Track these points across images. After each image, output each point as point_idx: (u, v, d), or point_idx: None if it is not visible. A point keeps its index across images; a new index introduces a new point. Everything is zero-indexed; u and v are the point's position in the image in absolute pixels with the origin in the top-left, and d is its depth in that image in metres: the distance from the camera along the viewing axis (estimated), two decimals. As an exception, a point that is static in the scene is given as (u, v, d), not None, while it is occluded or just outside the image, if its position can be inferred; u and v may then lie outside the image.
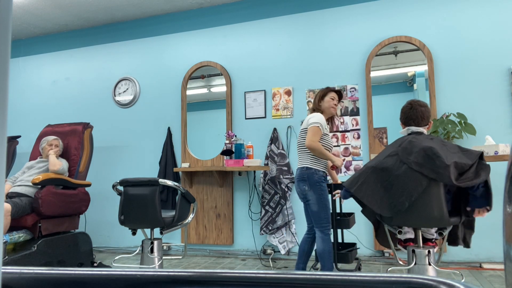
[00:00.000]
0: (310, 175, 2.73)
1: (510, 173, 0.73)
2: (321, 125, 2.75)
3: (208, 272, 0.52)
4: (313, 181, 2.72)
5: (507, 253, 0.74)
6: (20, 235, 3.22)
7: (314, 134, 2.72)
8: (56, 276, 0.54)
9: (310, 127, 2.76)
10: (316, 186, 2.72)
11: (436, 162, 2.09)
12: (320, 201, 2.71)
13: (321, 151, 2.71)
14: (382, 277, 0.48)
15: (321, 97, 2.93)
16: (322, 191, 2.73)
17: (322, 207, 2.71)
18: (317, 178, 2.73)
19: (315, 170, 2.75)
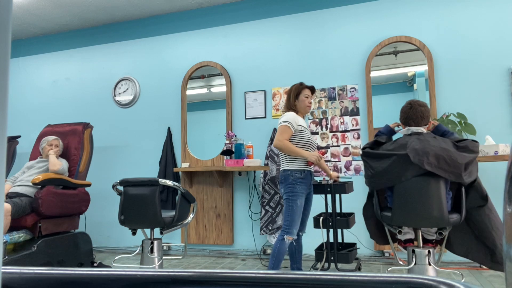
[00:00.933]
0: (285, 177, 2.72)
1: (510, 173, 0.73)
2: (290, 123, 2.69)
3: (208, 272, 0.52)
4: (287, 182, 2.70)
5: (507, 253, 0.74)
6: (20, 235, 3.22)
7: (281, 133, 2.69)
8: (56, 276, 0.54)
9: (278, 127, 2.74)
10: (288, 188, 2.69)
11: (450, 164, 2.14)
12: (288, 202, 2.66)
13: (290, 149, 2.67)
14: (382, 277, 0.48)
15: (296, 96, 2.84)
16: (293, 193, 2.67)
17: (288, 209, 2.66)
18: (292, 180, 2.68)
19: (291, 171, 2.71)
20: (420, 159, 2.16)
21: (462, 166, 2.13)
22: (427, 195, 2.21)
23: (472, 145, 2.22)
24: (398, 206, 2.28)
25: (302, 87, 2.85)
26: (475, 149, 2.20)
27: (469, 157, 2.16)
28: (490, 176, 3.51)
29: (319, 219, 3.07)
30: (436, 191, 2.20)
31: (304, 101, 2.83)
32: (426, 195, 2.21)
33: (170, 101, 4.70)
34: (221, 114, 4.44)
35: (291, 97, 2.85)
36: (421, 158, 2.16)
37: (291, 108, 2.85)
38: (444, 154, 2.15)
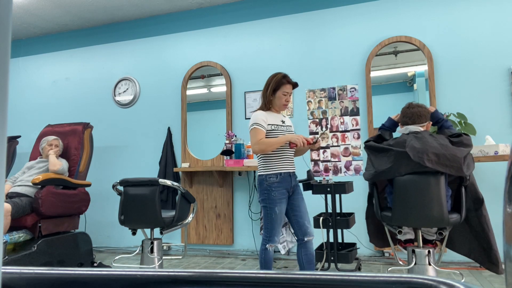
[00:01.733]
0: (260, 182, 2.51)
1: (510, 173, 0.73)
2: (258, 124, 2.47)
3: (208, 272, 0.52)
4: (262, 188, 2.49)
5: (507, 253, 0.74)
6: (20, 235, 3.22)
7: (253, 137, 2.47)
8: (56, 276, 0.54)
9: (250, 133, 2.51)
10: (264, 194, 2.47)
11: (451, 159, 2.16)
12: (265, 209, 2.47)
13: (268, 144, 2.43)
14: (382, 277, 0.48)
15: (274, 90, 2.54)
16: (269, 200, 2.45)
17: (265, 216, 2.47)
18: (266, 185, 2.46)
19: (265, 176, 2.49)
20: (421, 157, 2.18)
21: (461, 160, 2.18)
22: (427, 195, 2.21)
23: (466, 139, 2.29)
24: (398, 206, 2.28)
25: (283, 82, 2.54)
26: (469, 143, 2.28)
27: (466, 151, 2.23)
28: (490, 176, 3.51)
29: (319, 219, 3.07)
30: (436, 191, 2.20)
31: (281, 98, 2.55)
32: (426, 195, 2.21)
33: (170, 101, 4.70)
34: (221, 114, 4.44)
35: (269, 90, 2.55)
36: (421, 156, 2.19)
37: (265, 102, 2.58)
38: (444, 150, 2.19)
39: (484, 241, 2.35)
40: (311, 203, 4.00)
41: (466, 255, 2.49)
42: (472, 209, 2.35)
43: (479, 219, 2.34)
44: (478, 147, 3.23)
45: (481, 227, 2.34)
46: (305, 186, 3.11)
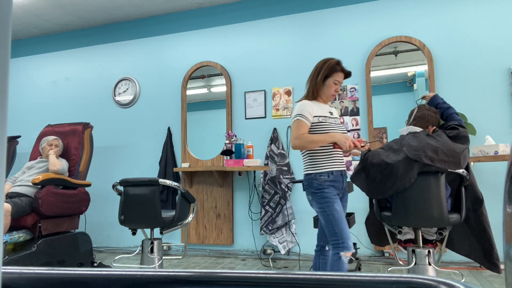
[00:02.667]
0: (309, 182, 2.21)
1: (510, 173, 0.73)
2: (302, 116, 2.18)
3: (208, 272, 0.52)
4: (313, 188, 2.19)
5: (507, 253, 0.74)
6: (20, 235, 3.22)
7: (295, 129, 2.18)
8: (56, 276, 0.54)
9: (292, 124, 2.23)
10: (317, 195, 2.17)
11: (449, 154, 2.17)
12: (324, 212, 2.14)
13: (311, 141, 2.14)
14: (382, 277, 0.48)
15: (325, 77, 2.26)
16: (324, 199, 2.14)
17: (328, 220, 2.12)
18: (317, 184, 2.17)
19: (314, 174, 2.20)
20: (417, 155, 2.18)
21: (460, 155, 2.18)
22: (427, 195, 2.21)
23: (463, 131, 2.29)
24: (398, 206, 2.28)
25: (336, 69, 2.25)
26: (466, 135, 2.28)
27: (463, 147, 2.23)
28: (490, 176, 3.51)
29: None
30: (436, 191, 2.20)
31: (331, 87, 2.26)
32: (426, 195, 2.21)
33: (170, 101, 4.70)
34: (221, 114, 4.44)
35: (319, 76, 2.25)
36: (418, 154, 2.18)
37: (312, 90, 2.29)
38: (441, 146, 2.18)
39: (485, 241, 2.35)
40: (311, 203, 4.01)
41: (466, 255, 2.49)
42: (472, 209, 2.35)
43: (479, 218, 2.34)
44: (478, 147, 3.23)
45: (482, 226, 2.34)
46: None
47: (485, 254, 2.36)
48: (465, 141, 2.26)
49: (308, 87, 2.32)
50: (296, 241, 3.94)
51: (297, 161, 4.12)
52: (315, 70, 2.29)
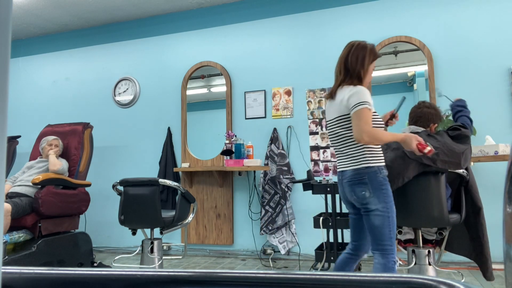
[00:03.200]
0: (372, 175, 1.90)
1: (510, 173, 0.73)
2: (369, 103, 1.90)
3: (208, 272, 0.52)
4: (377, 183, 1.90)
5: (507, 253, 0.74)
6: (20, 235, 3.22)
7: (365, 121, 1.86)
8: (56, 276, 0.54)
9: (356, 112, 1.88)
10: (381, 191, 1.90)
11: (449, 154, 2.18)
12: (385, 212, 1.89)
13: (381, 139, 1.89)
14: (382, 277, 0.48)
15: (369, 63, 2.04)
16: (389, 197, 1.91)
17: (385, 221, 1.90)
18: (382, 179, 1.91)
19: (377, 168, 1.92)
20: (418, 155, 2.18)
21: (460, 156, 2.17)
22: (427, 195, 2.21)
23: (464, 132, 2.29)
24: (398, 205, 2.28)
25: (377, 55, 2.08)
26: (468, 134, 2.28)
27: (464, 147, 2.23)
28: (490, 176, 3.51)
29: (319, 219, 3.07)
30: (436, 191, 2.20)
31: (371, 74, 2.07)
32: (426, 195, 2.21)
33: (170, 101, 4.70)
34: (221, 114, 4.44)
35: (367, 62, 2.03)
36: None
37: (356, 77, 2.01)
38: (442, 146, 2.18)
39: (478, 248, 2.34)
40: (311, 203, 4.01)
41: (466, 255, 2.49)
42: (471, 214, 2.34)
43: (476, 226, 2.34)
44: (478, 147, 3.23)
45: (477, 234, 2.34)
46: (305, 186, 3.11)
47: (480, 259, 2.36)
48: (466, 141, 2.26)
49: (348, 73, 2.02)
50: (296, 241, 3.94)
51: (297, 161, 4.12)
52: (358, 56, 2.01)
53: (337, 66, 2.07)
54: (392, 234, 1.91)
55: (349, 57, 2.01)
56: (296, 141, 4.13)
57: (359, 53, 2.01)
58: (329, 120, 2.08)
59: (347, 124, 1.96)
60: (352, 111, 1.90)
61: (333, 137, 2.06)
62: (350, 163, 1.97)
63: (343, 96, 1.95)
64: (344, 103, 1.94)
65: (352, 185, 1.95)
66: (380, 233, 1.90)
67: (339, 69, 2.05)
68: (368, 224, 1.94)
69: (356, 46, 2.03)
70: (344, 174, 2.01)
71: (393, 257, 1.90)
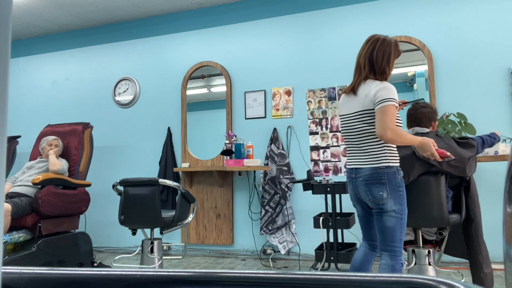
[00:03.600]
0: (391, 176, 1.87)
1: (510, 173, 0.73)
2: (396, 101, 1.86)
3: (208, 272, 0.52)
4: (395, 184, 1.88)
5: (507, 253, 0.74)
6: (20, 235, 3.22)
7: (390, 118, 1.81)
8: (56, 276, 0.54)
9: (382, 107, 1.83)
10: (399, 193, 1.88)
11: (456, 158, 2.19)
12: (400, 213, 1.89)
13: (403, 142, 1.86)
14: (382, 277, 0.48)
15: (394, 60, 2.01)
16: (404, 199, 1.91)
17: (398, 223, 1.89)
18: (400, 180, 1.90)
19: (396, 168, 1.90)
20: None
21: (466, 161, 2.18)
22: (427, 195, 2.21)
23: (471, 141, 2.32)
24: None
25: (400, 52, 2.04)
26: (474, 143, 2.30)
27: (470, 153, 2.25)
28: (490, 176, 3.51)
29: (319, 219, 3.07)
30: (437, 191, 2.20)
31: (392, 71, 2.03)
32: (426, 195, 2.21)
33: (170, 101, 4.70)
34: (221, 114, 4.44)
35: (391, 58, 1.99)
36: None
37: (381, 73, 1.98)
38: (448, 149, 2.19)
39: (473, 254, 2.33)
40: (311, 203, 4.01)
41: (466, 257, 2.48)
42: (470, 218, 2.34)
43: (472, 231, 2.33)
44: (478, 147, 3.22)
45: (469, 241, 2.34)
46: (305, 186, 3.11)
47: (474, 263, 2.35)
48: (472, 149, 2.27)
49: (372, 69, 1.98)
50: (296, 241, 3.94)
51: (297, 161, 4.12)
52: (384, 52, 1.97)
53: (361, 60, 2.01)
54: (402, 236, 1.90)
55: (375, 53, 1.96)
56: (296, 141, 4.14)
57: (386, 49, 1.97)
58: (348, 114, 2.01)
59: (371, 119, 1.91)
60: (378, 106, 1.84)
61: (351, 132, 1.99)
62: (369, 160, 1.92)
63: (369, 91, 1.90)
64: (370, 97, 1.89)
65: (369, 185, 1.90)
66: (391, 235, 1.88)
67: (364, 63, 1.99)
68: (380, 224, 1.91)
69: (382, 41, 1.98)
70: (359, 171, 1.95)
71: (401, 259, 1.90)
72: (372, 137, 1.92)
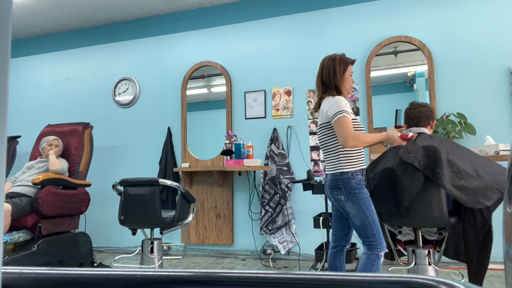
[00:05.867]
0: (345, 181, 2.09)
1: (510, 173, 0.73)
2: (347, 112, 2.07)
3: (208, 272, 0.52)
4: (350, 188, 2.09)
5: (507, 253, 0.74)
6: (20, 235, 3.22)
7: (346, 128, 2.03)
8: (56, 276, 0.54)
9: (336, 121, 2.06)
10: (355, 195, 2.08)
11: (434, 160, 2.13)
12: (362, 213, 2.07)
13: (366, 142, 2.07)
14: (382, 277, 0.48)
15: (343, 72, 2.20)
16: (363, 200, 2.08)
17: (365, 221, 2.07)
18: (355, 184, 2.08)
19: (351, 173, 2.10)
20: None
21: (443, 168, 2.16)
22: (427, 196, 2.21)
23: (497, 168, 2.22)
24: (398, 206, 2.28)
25: (348, 61, 2.22)
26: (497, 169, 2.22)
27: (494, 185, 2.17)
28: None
29: (319, 219, 3.07)
30: (437, 191, 2.20)
31: (349, 80, 2.23)
32: (427, 195, 2.21)
33: (170, 101, 4.70)
34: (221, 114, 4.44)
35: (338, 72, 2.18)
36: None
37: (335, 86, 2.18)
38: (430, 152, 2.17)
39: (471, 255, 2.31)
40: (311, 203, 4.01)
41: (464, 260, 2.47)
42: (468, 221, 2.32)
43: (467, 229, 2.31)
44: (478, 147, 3.22)
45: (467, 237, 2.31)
46: (305, 186, 3.11)
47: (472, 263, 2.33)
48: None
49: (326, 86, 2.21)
50: (296, 241, 3.94)
51: (297, 161, 4.12)
52: (329, 69, 2.19)
53: (316, 81, 2.28)
54: (376, 231, 2.07)
55: (323, 72, 2.22)
56: (296, 141, 4.14)
57: (330, 66, 2.20)
58: (317, 128, 2.29)
59: (328, 131, 2.17)
60: (333, 121, 2.09)
61: (320, 144, 2.28)
62: (329, 167, 2.19)
63: (323, 107, 2.17)
64: (324, 113, 2.15)
65: (330, 189, 2.17)
66: (364, 232, 2.10)
67: (318, 84, 2.27)
68: (352, 224, 2.15)
69: (327, 60, 2.23)
70: (326, 177, 2.23)
71: (378, 251, 2.08)
72: (329, 147, 2.17)
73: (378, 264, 2.09)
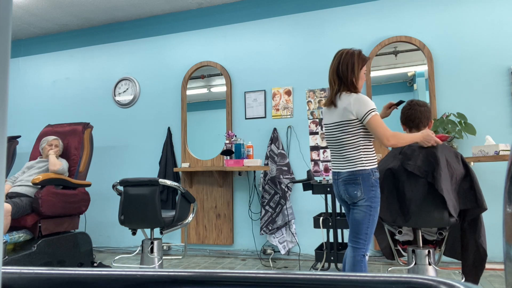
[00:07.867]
0: (365, 177, 2.06)
1: (510, 173, 0.73)
2: (376, 110, 2.07)
3: (208, 272, 0.52)
4: (369, 185, 2.06)
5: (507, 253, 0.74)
6: (20, 235, 3.22)
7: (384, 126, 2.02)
8: (56, 276, 0.54)
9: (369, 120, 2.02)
10: (371, 192, 2.06)
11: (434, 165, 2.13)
12: (370, 211, 2.06)
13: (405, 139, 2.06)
14: (382, 277, 0.48)
15: (359, 69, 2.13)
16: (376, 198, 2.07)
17: (366, 218, 2.06)
18: (374, 181, 2.07)
19: (371, 170, 2.08)
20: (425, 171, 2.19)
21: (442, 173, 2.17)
22: (428, 197, 2.21)
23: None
24: (398, 206, 2.28)
25: (366, 59, 2.16)
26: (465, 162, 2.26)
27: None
28: (490, 176, 3.51)
29: (319, 219, 3.07)
30: (437, 192, 2.20)
31: (363, 79, 2.18)
32: (428, 196, 2.21)
33: (170, 101, 4.70)
34: (221, 114, 4.44)
35: (356, 69, 2.11)
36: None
37: (351, 84, 2.11)
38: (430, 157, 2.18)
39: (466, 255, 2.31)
40: (311, 203, 4.01)
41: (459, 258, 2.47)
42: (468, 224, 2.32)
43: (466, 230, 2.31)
44: (478, 147, 3.22)
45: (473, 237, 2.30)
46: (305, 186, 3.11)
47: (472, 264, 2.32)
48: None
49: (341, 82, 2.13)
50: (296, 241, 3.94)
51: (297, 161, 4.12)
52: (348, 63, 2.10)
53: (330, 75, 2.19)
54: (369, 231, 2.07)
55: (340, 66, 2.13)
56: (296, 141, 4.14)
57: (349, 61, 2.11)
58: (329, 124, 2.20)
59: (348, 128, 2.10)
60: (366, 120, 2.04)
61: (332, 140, 2.19)
62: (346, 165, 2.13)
63: (347, 104, 2.07)
64: (350, 110, 2.06)
65: (345, 185, 2.12)
66: (358, 227, 2.08)
67: (333, 78, 2.17)
68: (351, 217, 2.13)
69: (345, 54, 2.13)
70: (339, 174, 2.17)
71: (363, 252, 2.08)
72: (349, 145, 2.11)
73: (365, 264, 2.11)
